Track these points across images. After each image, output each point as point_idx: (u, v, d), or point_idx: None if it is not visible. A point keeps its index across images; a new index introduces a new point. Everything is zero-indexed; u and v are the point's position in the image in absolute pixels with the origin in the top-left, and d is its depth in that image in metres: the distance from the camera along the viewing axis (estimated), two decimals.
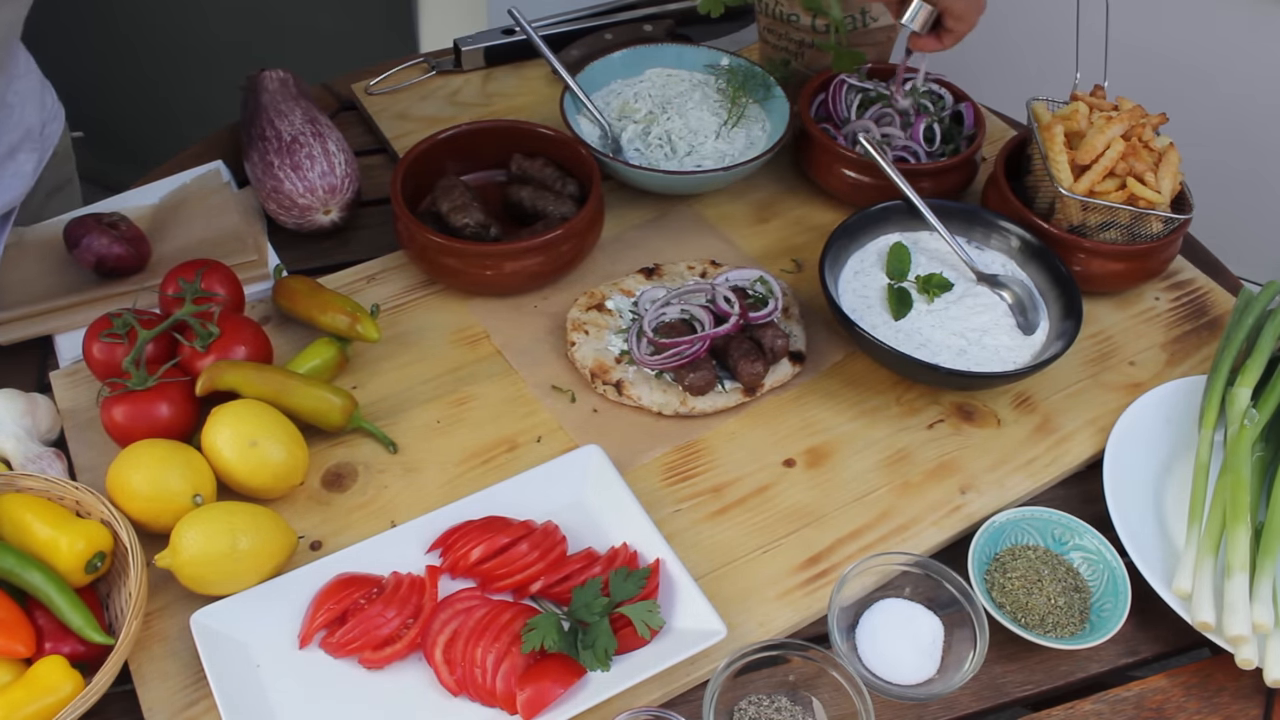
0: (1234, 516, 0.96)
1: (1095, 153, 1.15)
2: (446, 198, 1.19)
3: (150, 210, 1.26)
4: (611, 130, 1.32)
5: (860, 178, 1.26)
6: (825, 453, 1.08)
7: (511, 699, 0.87)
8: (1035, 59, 1.87)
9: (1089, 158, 1.15)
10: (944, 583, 0.93)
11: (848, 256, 1.19)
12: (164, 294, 1.09)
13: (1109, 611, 0.95)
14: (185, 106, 1.86)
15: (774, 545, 1.00)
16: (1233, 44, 2.12)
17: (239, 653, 0.90)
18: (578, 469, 1.01)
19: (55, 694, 0.84)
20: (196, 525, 0.92)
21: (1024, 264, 1.19)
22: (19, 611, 0.88)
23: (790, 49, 1.39)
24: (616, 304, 1.16)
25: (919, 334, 1.13)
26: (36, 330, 1.14)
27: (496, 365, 1.14)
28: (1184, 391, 1.11)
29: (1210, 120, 2.11)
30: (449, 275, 1.17)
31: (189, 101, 1.99)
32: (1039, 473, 1.07)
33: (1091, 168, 1.15)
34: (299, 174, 1.19)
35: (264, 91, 1.29)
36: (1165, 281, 1.26)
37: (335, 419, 1.04)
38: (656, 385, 1.09)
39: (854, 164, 1.26)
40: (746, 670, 0.89)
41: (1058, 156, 1.17)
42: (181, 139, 1.42)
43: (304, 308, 1.12)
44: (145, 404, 0.99)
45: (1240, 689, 0.95)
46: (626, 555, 0.95)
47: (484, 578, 0.95)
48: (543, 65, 1.49)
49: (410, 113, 1.42)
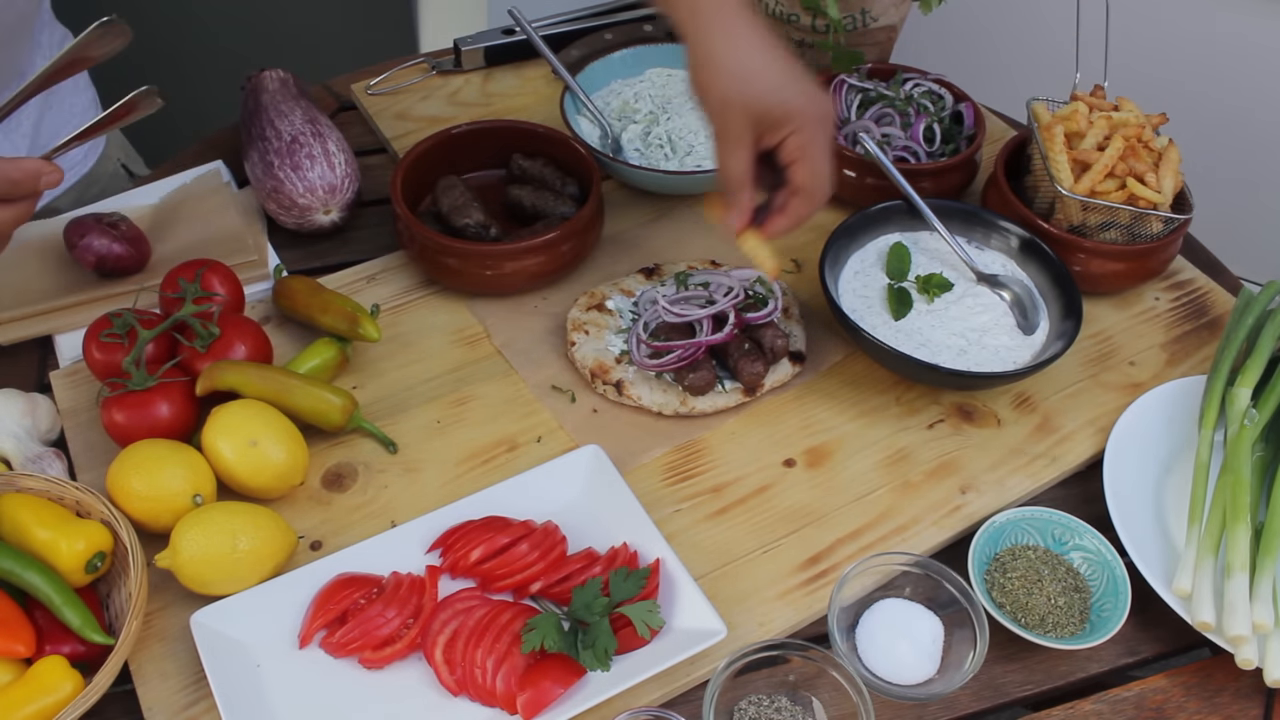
0: (1234, 516, 0.96)
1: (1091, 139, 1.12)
2: (446, 198, 1.19)
3: (150, 210, 1.26)
4: (611, 130, 1.32)
5: (860, 178, 1.26)
6: (825, 453, 1.08)
7: (511, 699, 0.87)
8: (1035, 59, 1.87)
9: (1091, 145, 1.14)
10: (944, 583, 0.93)
11: (848, 256, 1.19)
12: (164, 294, 1.09)
13: (1109, 611, 0.95)
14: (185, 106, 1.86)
15: (774, 545, 1.00)
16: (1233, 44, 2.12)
17: (239, 653, 0.90)
18: (578, 469, 1.01)
19: (55, 694, 0.84)
20: (196, 525, 0.92)
21: (1024, 264, 1.19)
22: (19, 611, 0.88)
23: (790, 49, 1.39)
24: (616, 304, 1.16)
25: (919, 334, 1.13)
26: (36, 330, 1.14)
27: (496, 365, 1.14)
28: (1184, 391, 1.11)
29: (1210, 120, 2.12)
30: (449, 275, 1.17)
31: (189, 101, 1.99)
32: (1039, 473, 1.07)
33: (1091, 168, 1.15)
34: (299, 174, 1.19)
35: (264, 91, 1.29)
36: (1165, 281, 1.26)
37: (335, 419, 1.04)
38: (656, 385, 1.09)
39: (854, 164, 1.26)
40: (746, 670, 0.89)
41: (1058, 156, 1.17)
42: (181, 139, 1.42)
43: (304, 308, 1.12)
44: (145, 404, 0.99)
45: (1240, 689, 0.95)
46: (626, 555, 0.95)
47: (484, 578, 0.95)
48: (543, 65, 1.49)
49: (410, 113, 1.42)
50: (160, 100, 0.98)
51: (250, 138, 1.26)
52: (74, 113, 1.32)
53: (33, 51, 1.25)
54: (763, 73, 0.94)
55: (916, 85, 1.33)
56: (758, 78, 0.94)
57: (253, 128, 1.26)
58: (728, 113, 0.95)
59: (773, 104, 0.94)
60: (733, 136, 0.96)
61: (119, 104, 0.97)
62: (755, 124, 0.95)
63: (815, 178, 0.97)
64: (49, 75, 0.97)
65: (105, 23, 0.95)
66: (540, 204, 1.22)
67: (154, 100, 0.98)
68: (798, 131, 0.95)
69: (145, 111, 0.98)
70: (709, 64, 0.95)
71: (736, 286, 1.09)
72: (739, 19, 0.95)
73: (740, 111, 0.95)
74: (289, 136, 1.21)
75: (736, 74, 0.94)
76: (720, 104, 0.96)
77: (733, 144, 0.97)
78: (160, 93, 0.98)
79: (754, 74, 0.94)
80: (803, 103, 0.95)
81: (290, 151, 1.20)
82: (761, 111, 0.94)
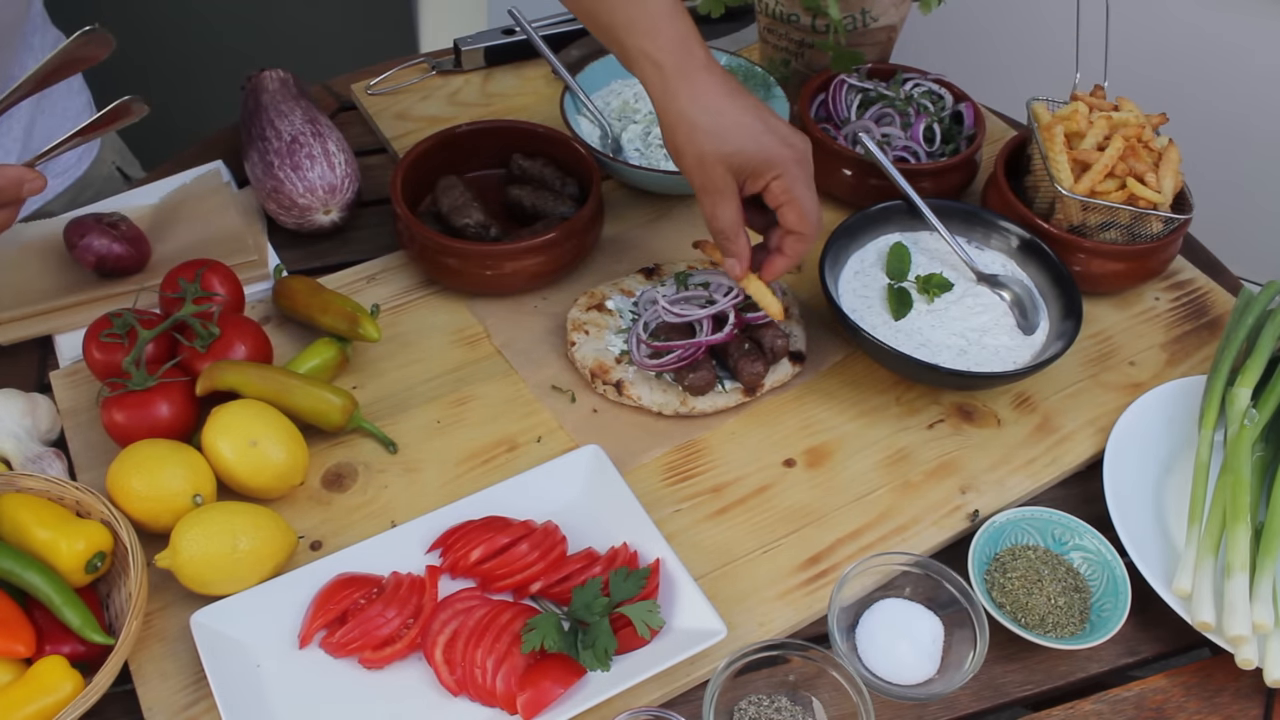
0: (1234, 516, 0.96)
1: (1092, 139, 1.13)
2: (446, 198, 1.19)
3: (150, 210, 1.26)
4: (611, 130, 1.32)
5: (860, 178, 1.26)
6: (825, 453, 1.08)
7: (511, 699, 0.87)
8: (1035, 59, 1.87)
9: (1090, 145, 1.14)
10: (944, 583, 0.93)
11: (848, 256, 1.19)
12: (164, 294, 1.09)
13: (1109, 611, 0.95)
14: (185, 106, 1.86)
15: (774, 545, 1.00)
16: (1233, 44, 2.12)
17: (239, 653, 0.90)
18: (578, 469, 1.01)
19: (55, 694, 0.84)
20: (196, 525, 0.92)
21: (1024, 264, 1.19)
22: (19, 611, 0.88)
23: (790, 49, 1.39)
24: (616, 304, 1.16)
25: (919, 334, 1.13)
26: (36, 330, 1.14)
27: (496, 365, 1.14)
28: (1184, 391, 1.11)
29: (1210, 120, 2.12)
30: (449, 275, 1.17)
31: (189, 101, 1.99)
32: (1039, 473, 1.07)
33: (1091, 168, 1.15)
34: (299, 174, 1.19)
35: (264, 91, 1.29)
36: (1165, 281, 1.26)
37: (335, 419, 1.04)
38: (656, 385, 1.09)
39: (854, 164, 1.26)
40: (746, 670, 0.89)
41: (1058, 156, 1.17)
42: (181, 139, 1.42)
43: (304, 308, 1.12)
44: (145, 404, 0.99)
45: (1240, 689, 0.95)
46: (626, 555, 0.95)
47: (484, 578, 0.95)
48: (543, 65, 1.49)
49: (410, 113, 1.42)
50: (145, 106, 0.99)
51: (250, 138, 1.26)
52: (67, 116, 1.32)
53: (24, 54, 1.25)
54: (736, 127, 0.96)
55: (916, 85, 1.33)
56: (732, 132, 0.96)
57: (253, 128, 1.26)
58: (707, 170, 0.97)
59: (751, 154, 0.96)
60: (715, 190, 0.98)
61: (102, 111, 0.98)
62: (736, 175, 0.98)
63: (805, 218, 0.99)
64: (36, 81, 0.97)
65: (88, 31, 0.96)
66: (540, 204, 1.22)
67: (140, 107, 0.99)
68: (780, 177, 0.97)
69: (133, 118, 0.99)
70: (681, 125, 0.97)
71: (736, 286, 1.09)
72: (703, 73, 0.96)
73: (720, 167, 0.97)
74: (289, 136, 1.21)
75: (710, 131, 0.96)
76: (698, 163, 0.97)
77: (716, 198, 0.99)
78: (144, 99, 0.99)
79: (727, 129, 0.96)
80: (780, 148, 0.96)
81: (290, 151, 1.20)
82: (740, 164, 0.97)
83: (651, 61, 0.97)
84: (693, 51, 0.97)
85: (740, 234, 1.01)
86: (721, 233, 1.01)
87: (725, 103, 0.96)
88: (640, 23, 0.97)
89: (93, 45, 0.97)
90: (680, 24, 0.97)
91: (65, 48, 0.96)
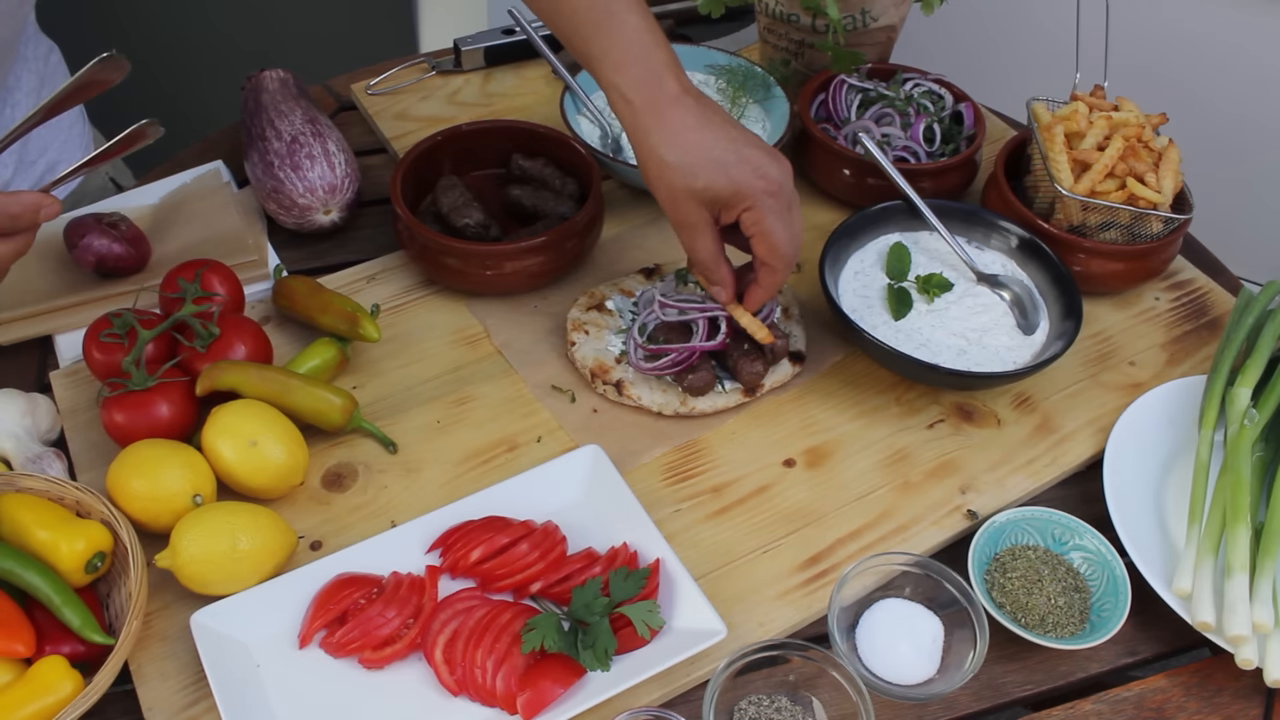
0: (1234, 516, 0.96)
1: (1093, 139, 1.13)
2: (446, 198, 1.19)
3: (150, 210, 1.26)
4: (611, 130, 1.32)
5: (860, 178, 1.26)
6: (825, 453, 1.08)
7: (511, 699, 0.87)
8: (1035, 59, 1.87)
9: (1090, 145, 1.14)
10: (944, 583, 0.93)
11: (848, 256, 1.19)
12: (164, 294, 1.09)
13: (1109, 611, 0.95)
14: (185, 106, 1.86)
15: (774, 545, 1.00)
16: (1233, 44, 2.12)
17: (239, 653, 0.90)
18: (578, 469, 1.01)
19: (55, 694, 0.84)
20: (196, 525, 0.92)
21: (1024, 264, 1.19)
22: (19, 611, 0.88)
23: (790, 49, 1.39)
24: (616, 304, 1.16)
25: (919, 334, 1.13)
26: (36, 330, 1.14)
27: (496, 365, 1.14)
28: (1184, 391, 1.11)
29: (1210, 120, 2.11)
30: (449, 275, 1.17)
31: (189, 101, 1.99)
32: (1039, 473, 1.07)
33: (1091, 168, 1.15)
34: (299, 174, 1.19)
35: (264, 91, 1.29)
36: (1165, 281, 1.26)
37: (335, 419, 1.04)
38: (656, 385, 1.09)
39: (854, 164, 1.26)
40: (746, 670, 0.89)
41: (1058, 156, 1.17)
42: (181, 139, 1.42)
43: (304, 308, 1.12)
44: (145, 404, 0.99)
45: (1240, 689, 0.95)
46: (626, 555, 0.95)
47: (484, 578, 0.95)
48: (543, 65, 1.49)
49: (410, 113, 1.42)
50: (161, 129, 0.99)
51: (250, 138, 1.26)
52: (60, 127, 1.31)
53: (18, 66, 1.24)
54: (705, 162, 0.95)
55: (916, 85, 1.33)
56: (701, 167, 0.95)
57: (253, 128, 1.26)
58: (679, 205, 0.98)
59: (720, 189, 0.96)
60: (690, 224, 0.99)
61: (118, 137, 0.98)
62: (709, 208, 0.98)
63: (774, 250, 0.98)
64: (50, 107, 0.97)
65: (105, 58, 0.96)
66: (540, 204, 1.22)
67: (156, 130, 0.99)
68: (751, 209, 0.97)
69: (148, 140, 1.00)
70: (651, 162, 0.97)
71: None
72: (674, 108, 0.96)
73: (692, 202, 0.97)
74: (289, 136, 1.21)
75: (679, 167, 0.96)
76: (670, 199, 0.98)
77: (691, 232, 1.00)
78: (158, 122, 0.99)
79: (696, 164, 0.95)
80: (751, 179, 0.96)
81: (290, 151, 1.20)
82: (711, 198, 0.97)
83: (622, 97, 0.97)
84: (664, 85, 0.96)
85: (720, 264, 1.02)
86: (701, 264, 1.03)
87: (696, 136, 0.95)
88: (612, 54, 0.96)
89: (108, 70, 0.96)
90: (654, 55, 0.96)
91: (81, 74, 0.96)
